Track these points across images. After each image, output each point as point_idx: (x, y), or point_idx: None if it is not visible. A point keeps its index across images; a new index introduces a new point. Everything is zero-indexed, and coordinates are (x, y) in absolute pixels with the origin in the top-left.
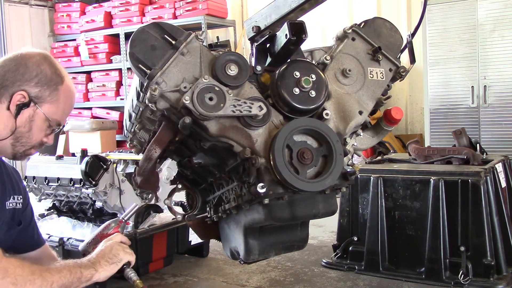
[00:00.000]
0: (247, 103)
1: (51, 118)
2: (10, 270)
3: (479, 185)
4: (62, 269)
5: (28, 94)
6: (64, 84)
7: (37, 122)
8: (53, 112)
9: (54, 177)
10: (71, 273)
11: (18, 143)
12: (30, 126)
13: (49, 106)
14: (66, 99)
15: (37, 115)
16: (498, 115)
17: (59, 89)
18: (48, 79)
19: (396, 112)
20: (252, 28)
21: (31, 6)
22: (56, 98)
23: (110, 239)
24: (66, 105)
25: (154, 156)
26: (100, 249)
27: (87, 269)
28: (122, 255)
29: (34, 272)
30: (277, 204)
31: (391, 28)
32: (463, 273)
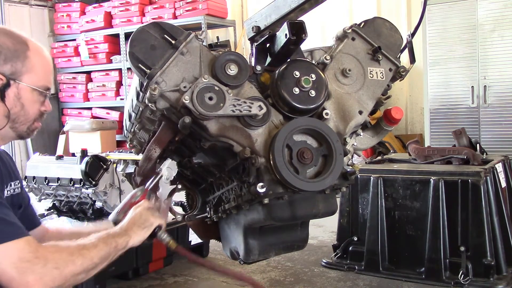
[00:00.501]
0: (247, 103)
1: (36, 86)
2: (50, 256)
3: (479, 185)
4: (98, 242)
5: (3, 74)
6: (30, 48)
7: (25, 97)
8: (35, 80)
9: (54, 177)
10: (106, 244)
11: (18, 124)
12: (21, 104)
13: (28, 76)
14: (40, 61)
15: (22, 91)
16: (498, 115)
17: (28, 55)
18: (13, 51)
19: (396, 112)
20: (252, 28)
21: (31, 6)
22: (31, 65)
23: (139, 206)
24: (44, 66)
25: (154, 156)
26: (130, 216)
27: (121, 237)
28: (152, 219)
29: (73, 253)
30: (277, 204)
31: (391, 28)
32: (463, 273)
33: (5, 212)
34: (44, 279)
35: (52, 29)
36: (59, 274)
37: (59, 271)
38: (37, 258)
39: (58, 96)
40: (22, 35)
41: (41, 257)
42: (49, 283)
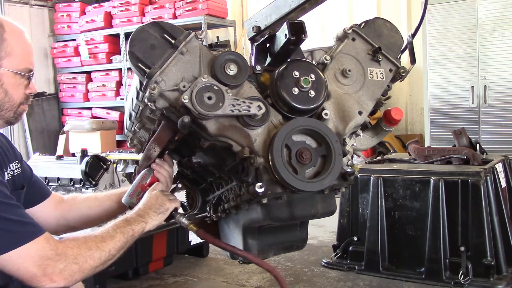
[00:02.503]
0: (246, 103)
1: (18, 70)
2: (69, 252)
3: (479, 185)
4: (115, 233)
5: None
6: (7, 31)
7: (7, 82)
8: (16, 63)
9: (54, 177)
10: (123, 234)
11: (4, 111)
12: (5, 90)
13: (8, 60)
14: (18, 43)
15: (3, 76)
16: (498, 115)
17: (5, 38)
18: None
19: (396, 112)
20: (252, 28)
21: (31, 6)
22: (9, 47)
23: (153, 189)
24: (23, 48)
25: (153, 155)
26: (145, 200)
27: (137, 224)
28: (168, 204)
29: (91, 247)
30: (276, 204)
31: (392, 29)
32: (463, 273)
33: (19, 213)
34: (64, 274)
35: (52, 29)
36: (79, 268)
37: (79, 266)
38: (58, 255)
39: (58, 96)
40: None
41: (61, 253)
42: (70, 278)
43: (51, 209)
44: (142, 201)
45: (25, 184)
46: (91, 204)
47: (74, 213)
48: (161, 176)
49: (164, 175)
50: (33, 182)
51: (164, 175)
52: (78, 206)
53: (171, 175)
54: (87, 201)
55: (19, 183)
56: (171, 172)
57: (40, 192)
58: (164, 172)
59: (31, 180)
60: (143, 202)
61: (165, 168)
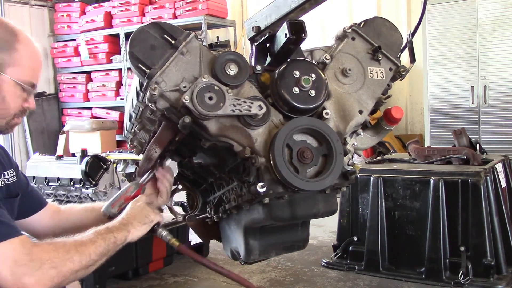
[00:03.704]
0: (247, 103)
1: (21, 81)
2: (45, 256)
3: (479, 185)
4: (96, 238)
5: None
6: (20, 40)
7: (7, 90)
8: (20, 74)
9: (54, 177)
10: (105, 240)
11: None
12: (2, 97)
13: (13, 69)
14: (28, 55)
15: (4, 83)
16: (498, 115)
17: (16, 48)
18: (2, 42)
19: (397, 111)
20: (252, 28)
21: (31, 6)
22: (18, 58)
23: (138, 201)
24: (32, 62)
25: (154, 156)
26: (129, 210)
27: (120, 232)
28: (153, 216)
29: (69, 251)
30: (277, 204)
31: (391, 28)
32: (463, 273)
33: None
34: (41, 280)
35: (52, 29)
36: (57, 273)
37: (57, 270)
38: (32, 260)
39: (58, 96)
40: (14, 26)
41: (36, 259)
42: (48, 283)
43: (48, 219)
44: (126, 210)
45: (20, 192)
46: (89, 215)
47: (71, 223)
48: (163, 187)
49: (166, 186)
50: (29, 192)
51: (166, 186)
52: (75, 216)
53: (171, 186)
54: (85, 211)
55: (14, 191)
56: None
57: (36, 202)
58: (167, 184)
59: (27, 190)
60: (126, 212)
61: (168, 178)
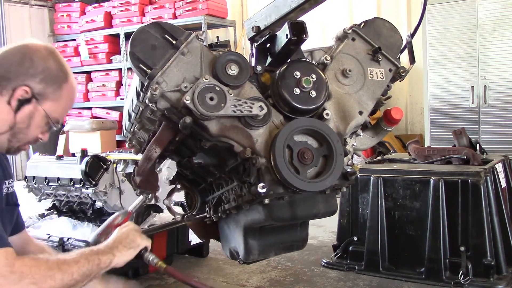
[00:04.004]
0: (248, 103)
1: (51, 116)
2: (26, 271)
3: (479, 185)
4: (79, 258)
5: (31, 90)
6: (68, 82)
7: (36, 119)
8: (53, 110)
9: (54, 177)
10: (88, 261)
11: (15, 139)
12: (29, 123)
13: (50, 103)
14: (68, 97)
15: (37, 112)
16: (498, 115)
17: (62, 87)
18: (53, 76)
19: (396, 112)
20: (252, 28)
21: (31, 6)
22: (59, 96)
23: (125, 226)
24: (68, 103)
25: (154, 156)
26: (116, 235)
27: (105, 255)
28: (139, 240)
29: (52, 268)
30: (278, 204)
31: (391, 28)
32: (463, 273)
33: None
34: None
35: (52, 29)
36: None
37: (37, 286)
38: (12, 273)
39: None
40: (68, 66)
41: (17, 272)
42: None
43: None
44: (113, 235)
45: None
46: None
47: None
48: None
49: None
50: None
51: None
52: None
53: None
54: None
55: (12, 201)
56: None
57: (17, 223)
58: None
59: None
60: (113, 237)
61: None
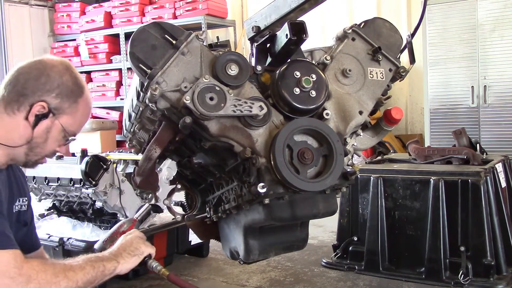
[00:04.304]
0: (248, 103)
1: (67, 129)
2: (33, 275)
3: (479, 185)
4: (85, 265)
5: (48, 105)
6: (83, 96)
7: (53, 133)
8: (70, 124)
9: (54, 177)
10: (94, 268)
11: (32, 153)
12: (47, 137)
13: (67, 118)
14: (84, 111)
15: (54, 127)
16: (498, 115)
17: (78, 101)
18: (69, 91)
19: (396, 112)
20: (252, 28)
21: (31, 6)
22: (75, 110)
23: (130, 234)
24: (83, 117)
25: (154, 156)
26: (120, 242)
27: (109, 262)
28: (143, 248)
29: (58, 274)
30: (278, 204)
31: (391, 28)
32: (463, 273)
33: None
34: None
35: (52, 29)
36: None
37: None
38: (20, 275)
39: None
40: (83, 81)
41: (24, 274)
42: None
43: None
44: (117, 243)
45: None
46: None
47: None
48: None
49: None
50: (32, 228)
51: None
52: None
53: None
54: None
55: (23, 220)
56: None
57: (34, 241)
58: None
59: (31, 225)
60: (117, 244)
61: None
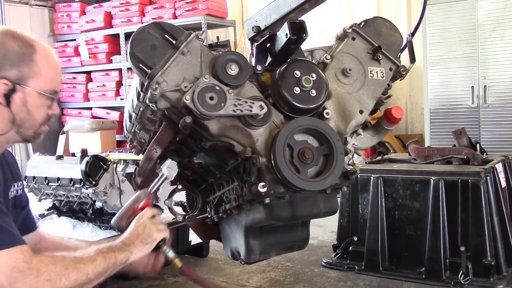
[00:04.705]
0: (248, 103)
1: (43, 90)
2: (43, 268)
3: (479, 185)
4: (96, 257)
5: (9, 79)
6: (37, 51)
7: (32, 102)
8: (42, 84)
9: (54, 177)
10: (105, 260)
11: (23, 129)
12: (27, 109)
13: (35, 80)
14: (48, 64)
15: (28, 95)
16: (498, 115)
17: (35, 59)
18: (20, 55)
19: (397, 111)
20: (252, 28)
21: (31, 6)
22: (37, 68)
23: (142, 217)
24: (51, 69)
25: (154, 156)
26: (133, 228)
27: (122, 252)
28: (156, 234)
29: (68, 266)
30: (278, 204)
31: (391, 28)
32: (463, 273)
33: (4, 220)
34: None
35: (52, 29)
36: (51, 286)
37: (51, 284)
38: (29, 269)
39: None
40: (29, 37)
41: (34, 268)
42: None
43: (33, 244)
44: (130, 228)
45: (25, 206)
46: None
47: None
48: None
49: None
50: (27, 211)
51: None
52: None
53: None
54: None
55: (20, 204)
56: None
57: (30, 223)
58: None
59: (26, 207)
60: (129, 230)
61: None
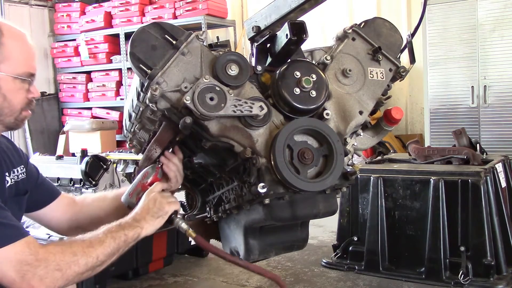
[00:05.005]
0: (248, 103)
1: (17, 74)
2: (51, 258)
3: (479, 185)
4: (105, 238)
5: None
6: (5, 34)
7: (6, 87)
8: (15, 67)
9: (54, 177)
10: (115, 240)
11: (3, 116)
12: (3, 95)
13: (6, 64)
14: (18, 46)
15: (1, 81)
16: (498, 115)
17: (3, 42)
18: None
19: (396, 112)
20: (252, 28)
21: (31, 6)
22: (7, 51)
23: (152, 191)
24: (23, 52)
25: (154, 156)
26: (143, 203)
27: (132, 229)
28: (167, 207)
29: (76, 253)
30: (278, 204)
31: (391, 28)
32: (463, 273)
33: (3, 215)
34: (45, 281)
35: (52, 29)
36: (61, 275)
37: (61, 272)
38: (38, 260)
39: (58, 96)
40: None
41: (42, 259)
42: (51, 285)
43: (62, 211)
44: (140, 204)
45: (28, 190)
46: (101, 205)
47: (84, 215)
48: (169, 170)
49: (172, 169)
50: (40, 185)
51: (173, 170)
52: (88, 207)
53: (180, 169)
54: (97, 201)
55: (22, 189)
56: (181, 166)
57: (47, 194)
58: (173, 167)
59: (36, 182)
60: (140, 206)
61: (174, 162)
